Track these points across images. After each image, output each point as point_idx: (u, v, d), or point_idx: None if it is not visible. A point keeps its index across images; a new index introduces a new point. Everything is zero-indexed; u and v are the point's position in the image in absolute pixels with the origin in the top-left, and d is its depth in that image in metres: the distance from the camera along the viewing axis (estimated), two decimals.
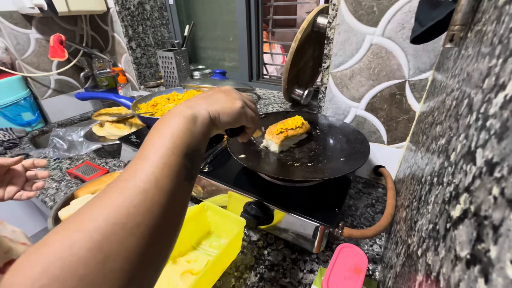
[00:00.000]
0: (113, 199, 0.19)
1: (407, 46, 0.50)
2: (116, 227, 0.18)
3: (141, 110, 0.72)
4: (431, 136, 0.35)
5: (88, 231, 0.17)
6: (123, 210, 0.19)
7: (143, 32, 1.06)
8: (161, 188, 0.21)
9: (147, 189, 0.20)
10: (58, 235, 0.17)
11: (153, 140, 0.24)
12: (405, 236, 0.33)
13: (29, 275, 0.15)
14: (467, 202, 0.17)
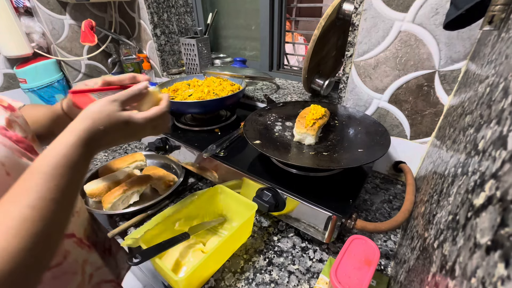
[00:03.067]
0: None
1: (440, 34, 0.47)
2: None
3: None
4: (459, 127, 0.33)
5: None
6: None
7: (168, 19, 1.08)
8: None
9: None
10: None
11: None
12: (422, 231, 0.31)
13: None
14: (492, 189, 0.16)
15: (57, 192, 0.24)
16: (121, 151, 0.81)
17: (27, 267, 0.21)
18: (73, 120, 0.30)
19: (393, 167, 0.63)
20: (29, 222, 0.22)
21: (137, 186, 0.58)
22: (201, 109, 0.66)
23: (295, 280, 0.42)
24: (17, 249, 0.21)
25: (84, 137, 0.27)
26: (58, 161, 0.25)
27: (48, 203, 0.23)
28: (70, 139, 0.27)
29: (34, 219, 0.22)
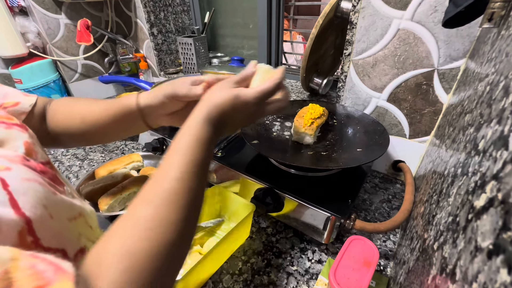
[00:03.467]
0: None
1: (439, 32, 0.46)
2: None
3: None
4: (458, 126, 0.32)
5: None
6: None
7: (165, 18, 1.07)
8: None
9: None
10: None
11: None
12: (421, 231, 0.31)
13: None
14: (494, 190, 0.15)
15: (195, 166, 0.26)
16: (118, 151, 0.80)
17: (183, 238, 0.24)
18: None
19: (392, 166, 0.63)
20: (179, 195, 0.24)
21: (134, 187, 0.58)
22: None
23: (293, 282, 0.42)
24: (175, 219, 0.23)
25: (205, 117, 0.29)
26: (191, 139, 0.28)
27: (190, 176, 0.25)
28: (197, 120, 0.29)
29: (182, 191, 0.24)
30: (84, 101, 0.41)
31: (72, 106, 0.40)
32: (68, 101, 0.42)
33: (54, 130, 0.39)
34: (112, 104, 0.39)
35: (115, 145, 0.83)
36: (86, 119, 0.39)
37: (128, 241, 0.21)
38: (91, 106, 0.40)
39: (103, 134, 0.41)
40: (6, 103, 0.33)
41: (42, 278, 0.15)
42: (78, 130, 0.39)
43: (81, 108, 0.40)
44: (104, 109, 0.39)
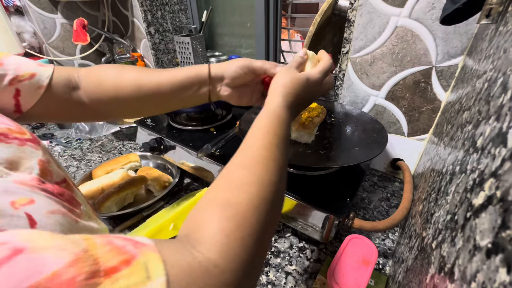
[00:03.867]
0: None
1: (437, 29, 0.46)
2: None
3: None
4: (456, 124, 0.32)
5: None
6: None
7: (162, 17, 1.06)
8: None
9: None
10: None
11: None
12: (420, 230, 0.31)
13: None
14: (492, 188, 0.15)
15: (278, 139, 0.28)
16: (115, 152, 0.80)
17: (277, 200, 0.25)
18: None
19: (390, 164, 0.63)
20: (268, 160, 0.26)
21: (132, 187, 0.57)
22: (196, 107, 0.65)
23: (292, 281, 0.42)
24: (269, 180, 0.24)
25: (284, 103, 0.32)
26: (273, 119, 0.29)
27: (274, 147, 0.27)
28: (277, 104, 0.31)
29: (270, 158, 0.26)
30: (136, 69, 0.40)
31: (123, 72, 0.38)
32: (114, 67, 0.40)
33: (96, 99, 0.38)
34: (177, 71, 0.39)
35: (112, 145, 0.83)
36: (144, 86, 0.38)
37: (228, 194, 0.22)
38: (149, 74, 0.39)
39: (161, 102, 0.40)
40: (21, 76, 0.31)
41: (125, 252, 0.15)
42: (131, 97, 0.38)
43: (135, 75, 0.38)
44: (169, 76, 0.38)
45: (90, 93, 0.37)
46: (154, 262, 0.15)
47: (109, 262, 0.14)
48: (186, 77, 0.38)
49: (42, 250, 0.13)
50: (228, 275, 0.18)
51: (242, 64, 0.38)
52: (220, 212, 0.20)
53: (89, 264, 0.13)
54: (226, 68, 0.39)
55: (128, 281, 0.14)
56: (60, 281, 0.12)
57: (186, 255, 0.17)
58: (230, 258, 0.18)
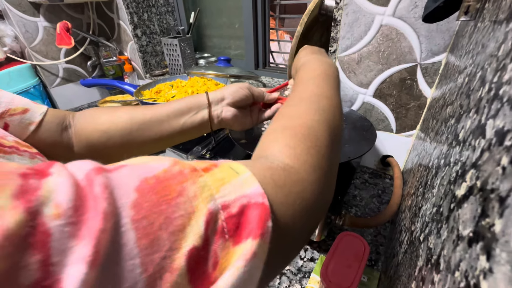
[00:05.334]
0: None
1: (420, 27, 0.47)
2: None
3: (144, 97, 0.72)
4: (441, 119, 0.33)
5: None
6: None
7: (149, 19, 1.05)
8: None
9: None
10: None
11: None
12: (409, 224, 0.31)
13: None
14: (473, 179, 0.15)
15: (327, 78, 0.31)
16: None
17: (338, 129, 0.26)
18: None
19: (380, 161, 0.64)
20: (324, 95, 0.28)
21: None
22: None
23: (286, 281, 0.42)
24: (329, 105, 0.27)
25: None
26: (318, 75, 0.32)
27: (324, 84, 0.30)
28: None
29: (319, 94, 0.28)
30: (132, 106, 0.40)
31: (118, 108, 0.38)
32: (111, 107, 0.39)
33: (86, 137, 0.34)
34: (175, 101, 0.38)
35: None
36: (137, 116, 0.36)
37: (284, 121, 0.25)
38: (144, 106, 0.38)
39: (156, 133, 0.36)
40: (13, 109, 0.30)
41: (208, 162, 0.17)
42: (124, 130, 0.35)
43: (130, 108, 0.37)
44: (165, 105, 0.37)
45: (81, 130, 0.34)
46: (236, 165, 0.17)
47: (201, 165, 0.16)
48: (183, 103, 0.37)
49: (142, 162, 0.15)
50: (304, 175, 0.20)
51: (242, 85, 0.39)
52: (281, 133, 0.23)
53: (187, 165, 0.15)
54: (225, 88, 0.39)
55: (222, 174, 0.16)
56: (172, 173, 0.14)
57: (264, 162, 0.20)
58: (301, 161, 0.21)
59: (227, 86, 0.40)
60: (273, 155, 0.21)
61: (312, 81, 0.31)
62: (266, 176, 0.18)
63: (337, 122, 0.27)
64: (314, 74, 0.32)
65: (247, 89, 0.40)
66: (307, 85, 0.30)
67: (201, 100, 0.38)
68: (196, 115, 0.38)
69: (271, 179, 0.18)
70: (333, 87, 0.31)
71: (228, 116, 0.39)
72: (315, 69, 0.33)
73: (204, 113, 0.38)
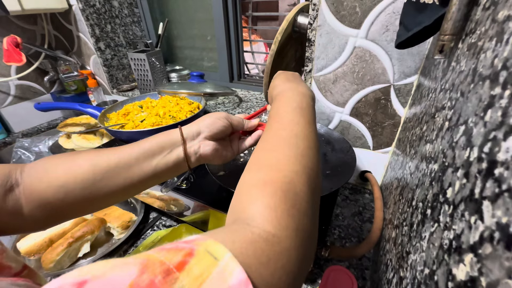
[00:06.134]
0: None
1: (392, 50, 0.48)
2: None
3: (111, 121, 0.66)
4: (420, 153, 0.33)
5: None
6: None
7: (112, 31, 0.98)
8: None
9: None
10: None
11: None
12: (396, 265, 0.31)
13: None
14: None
15: (294, 119, 0.29)
16: None
17: (308, 170, 0.25)
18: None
19: (360, 176, 0.64)
20: (291, 137, 0.27)
21: (87, 234, 0.50)
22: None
23: None
24: (297, 154, 0.25)
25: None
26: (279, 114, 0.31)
27: (293, 125, 0.28)
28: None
29: (292, 135, 0.27)
30: (94, 150, 0.33)
31: (77, 154, 0.32)
32: (67, 153, 0.32)
33: (38, 195, 0.28)
34: (143, 141, 0.34)
35: None
36: (101, 163, 0.31)
37: (261, 174, 0.24)
38: (109, 150, 0.32)
39: (125, 181, 0.31)
40: None
41: (182, 248, 0.15)
42: (85, 182, 0.30)
43: (91, 154, 0.32)
44: (133, 147, 0.33)
45: (32, 187, 0.28)
46: (214, 246, 0.16)
47: (174, 259, 0.14)
48: (154, 143, 0.33)
49: (105, 274, 0.13)
50: (287, 242, 0.19)
51: (219, 114, 0.37)
52: (261, 191, 0.22)
53: (158, 267, 0.13)
54: (201, 121, 0.36)
55: (200, 268, 0.14)
56: (141, 287, 0.12)
57: (244, 232, 0.18)
58: (283, 227, 0.19)
59: (202, 118, 0.37)
60: (253, 219, 0.20)
61: (289, 117, 0.29)
62: (249, 255, 0.17)
63: (316, 168, 0.26)
64: (290, 108, 0.31)
65: (225, 119, 0.37)
66: (284, 122, 0.29)
67: (174, 137, 0.35)
68: (170, 155, 0.34)
69: (254, 257, 0.17)
70: (309, 122, 0.30)
71: (207, 151, 0.36)
72: (290, 101, 0.32)
73: (178, 151, 0.34)
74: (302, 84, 0.36)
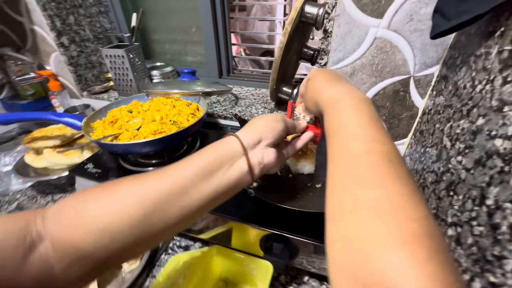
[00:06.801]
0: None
1: (414, 40, 0.46)
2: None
3: (97, 131, 0.55)
4: (483, 148, 0.31)
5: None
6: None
7: (76, 23, 0.83)
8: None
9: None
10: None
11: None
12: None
13: None
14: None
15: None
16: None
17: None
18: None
19: None
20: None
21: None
22: (160, 146, 0.52)
23: None
24: (407, 174, 0.21)
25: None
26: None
27: (394, 164, 0.22)
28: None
29: (393, 159, 0.22)
30: (133, 176, 0.26)
31: (114, 187, 0.25)
32: (101, 186, 0.25)
33: (73, 250, 0.21)
34: (191, 159, 0.28)
35: (37, 205, 0.61)
36: (147, 192, 0.24)
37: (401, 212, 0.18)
38: (151, 175, 0.26)
39: (180, 209, 0.25)
40: None
41: None
42: (132, 221, 0.23)
43: (133, 182, 0.25)
44: (183, 167, 0.27)
45: (63, 239, 0.21)
46: None
47: None
48: (210, 157, 0.28)
49: None
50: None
51: (276, 117, 0.33)
52: (395, 245, 0.16)
53: None
54: (260, 126, 0.32)
55: None
56: None
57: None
58: (445, 284, 0.14)
59: (257, 122, 0.32)
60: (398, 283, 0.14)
61: (368, 135, 0.24)
62: None
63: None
64: (364, 122, 0.25)
65: (282, 122, 0.33)
66: (366, 141, 0.23)
67: (232, 148, 0.29)
68: (231, 169, 0.28)
69: None
70: (390, 138, 0.24)
71: (272, 160, 0.31)
72: (359, 112, 0.26)
73: (240, 164, 0.29)
74: (353, 87, 0.31)
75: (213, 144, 0.30)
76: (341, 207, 0.20)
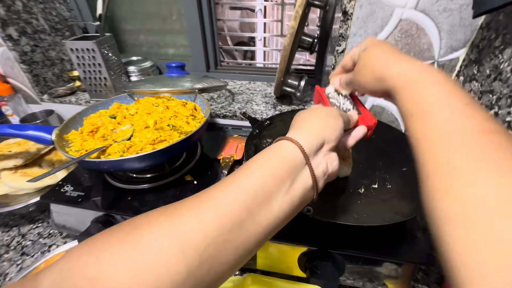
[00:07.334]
0: None
1: (442, 21, 0.43)
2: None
3: (74, 144, 0.44)
4: None
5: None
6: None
7: (26, 10, 0.67)
8: None
9: None
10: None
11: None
12: None
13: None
14: None
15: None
16: (13, 253, 0.46)
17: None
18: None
19: None
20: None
21: None
22: (162, 158, 0.42)
23: None
24: None
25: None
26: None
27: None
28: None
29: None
30: (153, 218, 0.18)
31: (136, 238, 0.17)
32: (114, 236, 0.17)
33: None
34: (239, 176, 0.21)
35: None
36: (189, 245, 0.17)
37: None
38: (191, 216, 0.18)
39: (239, 257, 0.19)
40: None
41: None
42: (182, 284, 0.16)
43: (166, 231, 0.17)
44: (232, 190, 0.20)
45: None
46: None
47: None
48: (266, 173, 0.21)
49: None
50: None
51: (332, 112, 0.27)
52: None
53: None
54: (320, 125, 0.25)
55: None
56: None
57: None
58: None
59: (314, 120, 0.26)
60: None
61: (480, 113, 0.19)
62: None
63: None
64: (462, 104, 0.20)
65: (340, 117, 0.27)
66: (482, 122, 0.18)
67: (290, 157, 0.22)
68: (293, 187, 0.22)
69: None
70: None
71: (335, 168, 0.25)
72: (456, 90, 0.21)
73: (304, 177, 0.22)
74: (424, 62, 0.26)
75: (263, 154, 0.23)
76: (475, 204, 0.15)
